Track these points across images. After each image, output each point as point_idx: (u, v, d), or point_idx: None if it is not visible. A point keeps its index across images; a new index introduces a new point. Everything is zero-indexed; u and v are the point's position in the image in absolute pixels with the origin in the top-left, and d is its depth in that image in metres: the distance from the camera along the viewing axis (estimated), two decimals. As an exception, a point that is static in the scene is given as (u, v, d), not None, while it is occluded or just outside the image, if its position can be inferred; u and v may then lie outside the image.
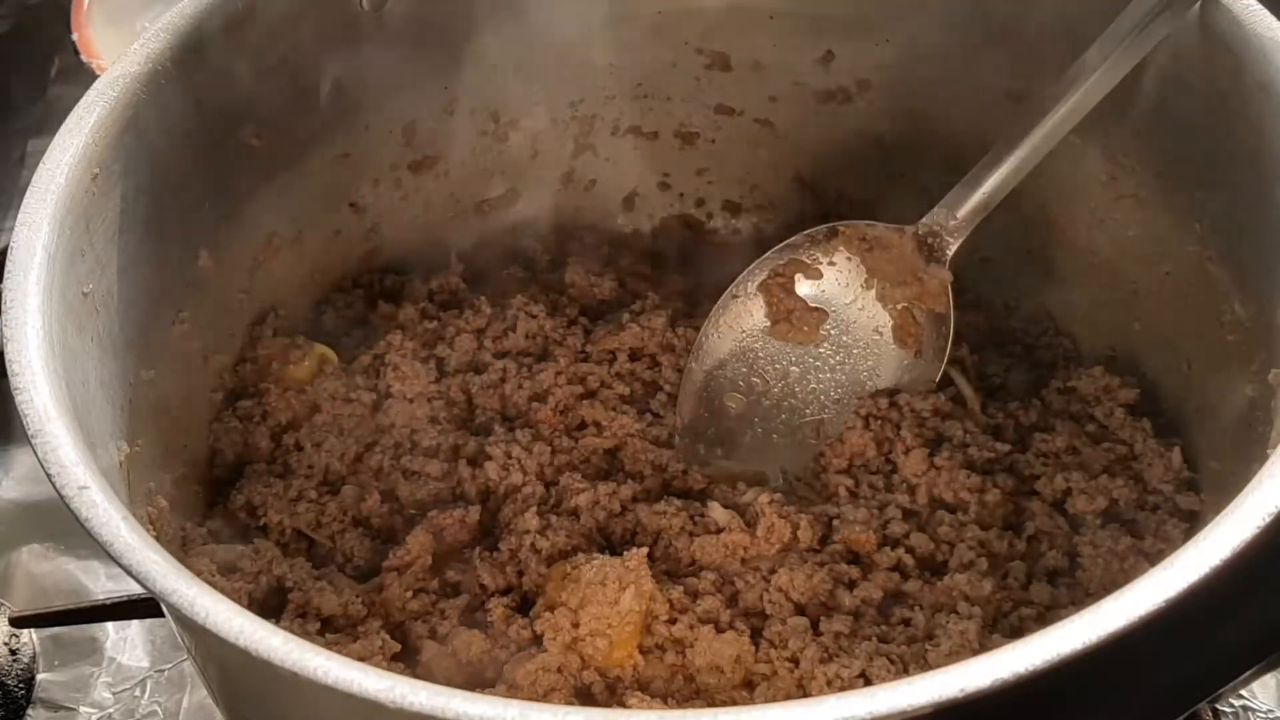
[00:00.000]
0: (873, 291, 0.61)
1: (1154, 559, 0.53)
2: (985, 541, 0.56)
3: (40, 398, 0.41)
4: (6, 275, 0.44)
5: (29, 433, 0.40)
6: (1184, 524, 0.55)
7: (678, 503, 0.58)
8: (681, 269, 0.68)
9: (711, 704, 0.50)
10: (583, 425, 0.61)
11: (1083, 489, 0.57)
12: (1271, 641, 0.41)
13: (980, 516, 0.57)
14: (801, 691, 0.50)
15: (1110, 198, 0.60)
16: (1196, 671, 0.41)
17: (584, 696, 0.50)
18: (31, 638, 0.65)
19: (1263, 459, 0.40)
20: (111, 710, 0.63)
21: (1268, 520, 0.37)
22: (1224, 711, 0.61)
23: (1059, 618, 0.35)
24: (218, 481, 0.60)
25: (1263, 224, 0.50)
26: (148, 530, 0.41)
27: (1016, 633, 0.52)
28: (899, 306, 0.61)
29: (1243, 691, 0.61)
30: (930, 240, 0.59)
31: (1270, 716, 0.61)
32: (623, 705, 0.49)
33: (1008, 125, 0.56)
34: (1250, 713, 0.61)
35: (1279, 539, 0.37)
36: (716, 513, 0.57)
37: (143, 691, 0.64)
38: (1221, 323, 0.53)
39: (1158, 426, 0.59)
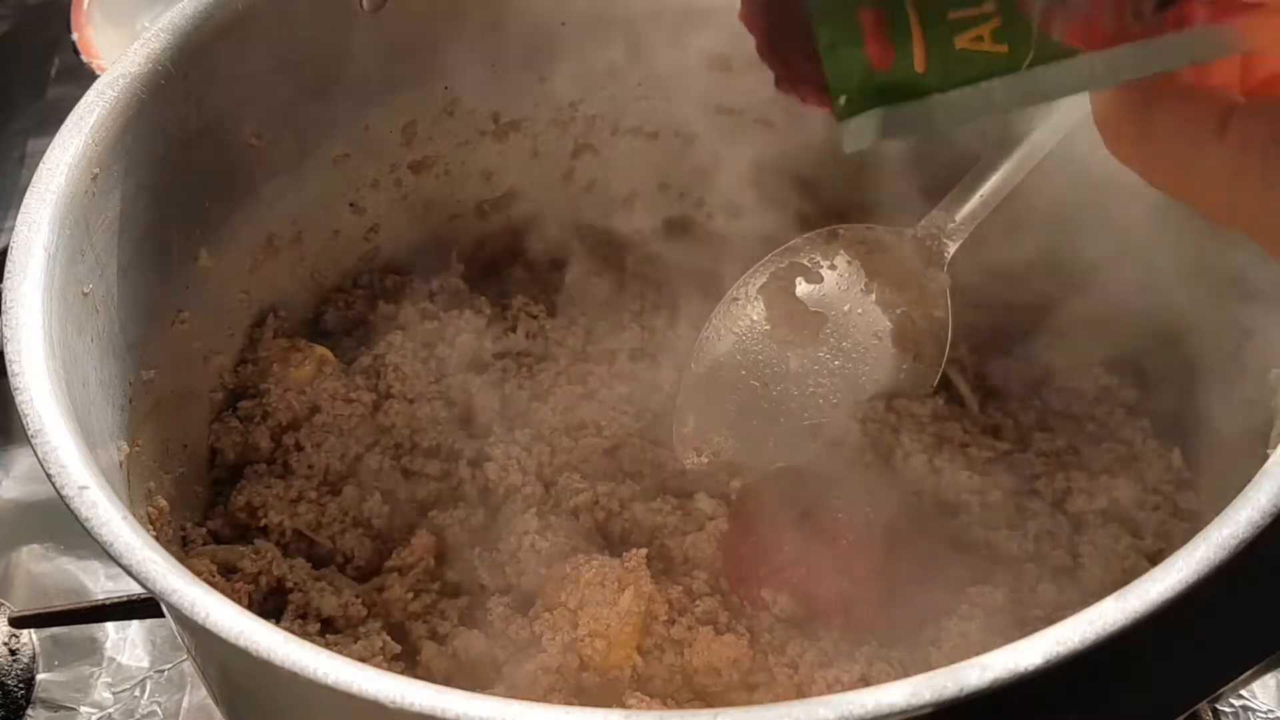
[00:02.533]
0: (872, 295, 0.61)
1: (1154, 559, 0.53)
2: (996, 544, 0.56)
3: (40, 398, 0.41)
4: (6, 275, 0.44)
5: (29, 433, 0.40)
6: (1184, 524, 0.55)
7: (673, 500, 0.58)
8: (681, 269, 0.68)
9: (710, 705, 0.50)
10: (583, 425, 0.61)
11: (1083, 489, 0.57)
12: (1271, 641, 0.41)
13: (983, 518, 0.57)
14: (800, 696, 0.50)
15: (1110, 197, 0.60)
16: (1196, 671, 0.41)
17: (583, 697, 0.50)
18: (31, 638, 0.65)
19: (1263, 459, 0.40)
20: (111, 710, 0.63)
21: (1268, 520, 0.37)
22: (1224, 711, 0.61)
23: (1063, 618, 0.35)
24: (218, 481, 0.60)
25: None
26: (148, 530, 0.41)
27: (1021, 634, 0.52)
28: (898, 311, 0.61)
29: (1243, 691, 0.61)
30: (929, 243, 0.59)
31: (1270, 716, 0.61)
32: (622, 705, 0.49)
33: (1008, 125, 0.56)
34: (1250, 713, 0.61)
35: (1278, 539, 0.37)
36: (703, 503, 0.57)
37: (143, 691, 0.64)
38: (1222, 322, 0.53)
39: (1158, 426, 0.59)
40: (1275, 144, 0.31)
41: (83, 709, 0.63)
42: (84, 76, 0.86)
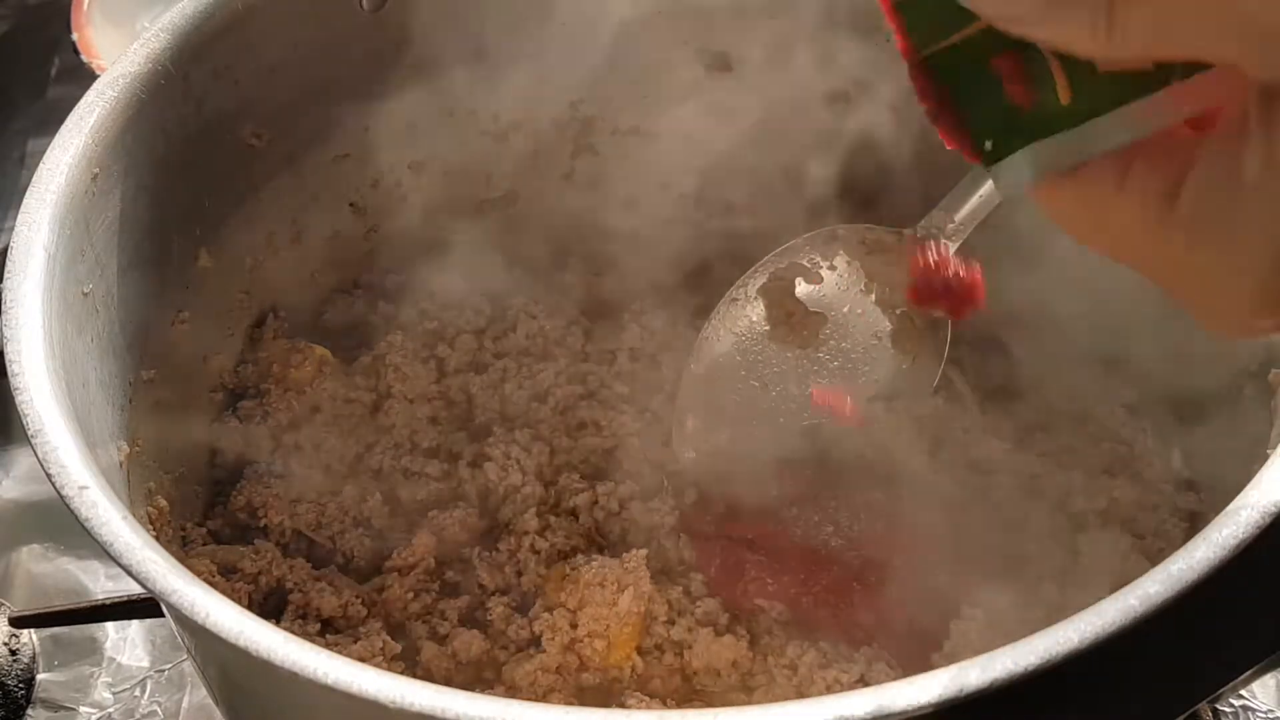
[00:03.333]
0: (872, 296, 0.61)
1: (1154, 559, 0.53)
2: (996, 544, 0.56)
3: (40, 398, 0.41)
4: (6, 275, 0.44)
5: (29, 433, 0.40)
6: (1184, 524, 0.55)
7: (672, 501, 0.58)
8: (682, 268, 0.68)
9: (710, 706, 0.50)
10: (583, 425, 0.61)
11: (1083, 489, 0.57)
12: (1271, 641, 0.41)
13: (984, 518, 0.57)
14: (799, 697, 0.50)
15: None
16: (1196, 671, 0.41)
17: (583, 697, 0.50)
18: (31, 638, 0.65)
19: (1263, 459, 0.40)
20: (111, 710, 0.63)
21: (1268, 520, 0.37)
22: (1224, 711, 0.61)
23: (1063, 618, 0.35)
24: (218, 481, 0.60)
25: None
26: (148, 530, 0.41)
27: (1021, 634, 0.52)
28: (898, 311, 0.61)
29: (1243, 691, 0.61)
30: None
31: (1270, 716, 0.60)
32: (622, 706, 0.49)
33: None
34: (1250, 713, 0.61)
35: (1279, 539, 0.37)
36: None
37: (143, 691, 0.64)
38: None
39: (1158, 426, 0.59)
40: (1167, 197, 0.30)
41: (83, 709, 0.63)
42: (84, 76, 0.86)
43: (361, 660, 0.41)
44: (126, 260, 0.50)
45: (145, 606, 0.58)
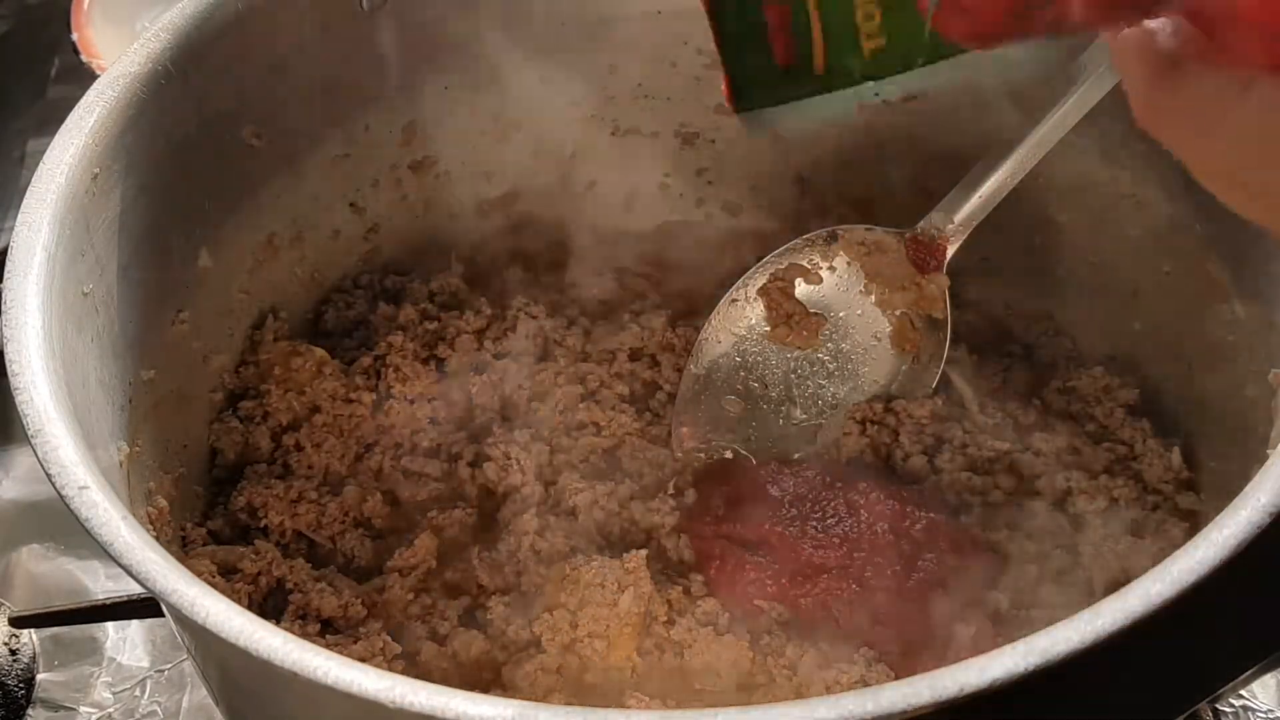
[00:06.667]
0: (871, 297, 0.61)
1: (1154, 559, 0.53)
2: (996, 544, 0.56)
3: (40, 398, 0.41)
4: (6, 275, 0.44)
5: (29, 433, 0.40)
6: (1184, 524, 0.55)
7: (672, 501, 0.58)
8: (681, 269, 0.68)
9: (710, 706, 0.50)
10: (582, 425, 0.61)
11: (1083, 489, 0.57)
12: (1271, 641, 0.41)
13: (984, 518, 0.57)
14: (799, 698, 0.50)
15: (1110, 198, 0.60)
16: (1196, 671, 0.41)
17: (583, 697, 0.50)
18: (31, 638, 0.65)
19: (1263, 459, 0.40)
20: (111, 710, 0.63)
21: (1268, 520, 0.37)
22: (1224, 711, 0.61)
23: (1063, 618, 0.35)
24: (218, 481, 0.60)
25: (1262, 224, 0.50)
26: (148, 530, 0.41)
27: (1022, 634, 0.52)
28: (897, 313, 0.61)
29: (1243, 691, 0.61)
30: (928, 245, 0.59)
31: (1270, 716, 0.61)
32: (622, 706, 0.49)
33: (1006, 125, 0.56)
34: (1250, 713, 0.61)
35: (1279, 539, 0.37)
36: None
37: (143, 691, 0.64)
38: (1221, 323, 0.53)
39: (1158, 426, 0.59)
40: None
41: (83, 709, 0.63)
42: (84, 76, 0.86)
43: (361, 660, 0.41)
44: (126, 260, 0.50)
45: (145, 606, 0.58)
